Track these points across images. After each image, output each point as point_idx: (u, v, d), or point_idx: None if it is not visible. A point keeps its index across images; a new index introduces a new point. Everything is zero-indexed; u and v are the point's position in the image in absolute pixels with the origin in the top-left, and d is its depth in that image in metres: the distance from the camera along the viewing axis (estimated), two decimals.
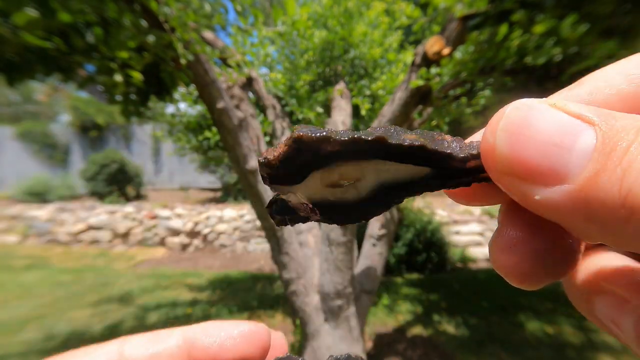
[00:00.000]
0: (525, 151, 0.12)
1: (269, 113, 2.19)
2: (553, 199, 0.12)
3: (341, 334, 1.71)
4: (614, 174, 0.11)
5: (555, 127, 0.12)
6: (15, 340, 2.61)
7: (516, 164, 0.12)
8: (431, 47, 1.45)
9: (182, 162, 9.35)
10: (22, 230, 5.79)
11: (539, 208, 0.12)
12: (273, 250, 1.79)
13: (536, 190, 0.12)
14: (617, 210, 0.11)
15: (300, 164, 0.16)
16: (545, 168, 0.12)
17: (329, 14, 2.31)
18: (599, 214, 0.11)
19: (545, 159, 0.12)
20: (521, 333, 2.77)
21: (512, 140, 0.13)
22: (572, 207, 0.11)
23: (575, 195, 0.11)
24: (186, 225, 5.44)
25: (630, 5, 1.03)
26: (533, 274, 0.15)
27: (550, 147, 0.12)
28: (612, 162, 0.11)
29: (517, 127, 0.13)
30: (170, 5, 1.19)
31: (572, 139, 0.12)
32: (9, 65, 0.99)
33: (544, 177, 0.12)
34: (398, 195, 0.17)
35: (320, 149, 0.16)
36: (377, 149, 0.16)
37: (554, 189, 0.12)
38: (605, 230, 0.11)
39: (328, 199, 0.17)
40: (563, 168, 0.12)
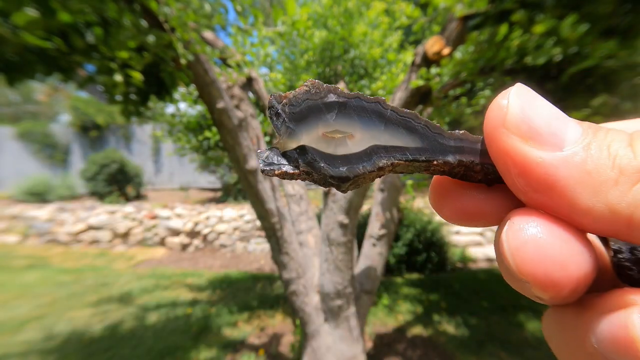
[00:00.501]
0: (534, 114, 0.14)
1: None
2: (552, 162, 0.13)
3: (341, 334, 1.71)
4: (602, 143, 0.13)
5: (553, 108, 0.15)
6: (15, 340, 2.61)
7: (524, 122, 0.14)
8: (431, 47, 1.45)
9: (182, 162, 9.35)
10: (22, 230, 5.79)
11: (535, 169, 0.14)
12: (273, 250, 1.79)
13: (537, 152, 0.14)
14: (606, 171, 0.13)
15: (306, 106, 0.18)
16: (549, 131, 0.14)
17: (329, 14, 2.31)
18: (591, 176, 0.13)
19: (547, 125, 0.14)
20: (521, 333, 2.77)
21: (524, 103, 0.15)
22: (567, 169, 0.13)
23: (571, 158, 0.13)
24: (186, 225, 5.44)
25: (630, 5, 1.03)
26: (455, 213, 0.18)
27: (552, 118, 0.14)
28: (600, 137, 0.13)
29: (528, 95, 0.15)
30: (170, 5, 1.19)
31: (566, 119, 0.15)
32: (9, 65, 0.99)
33: (546, 139, 0.14)
34: (387, 156, 0.17)
35: (327, 96, 0.18)
36: (376, 108, 0.18)
37: (553, 154, 0.14)
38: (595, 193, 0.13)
39: (321, 148, 0.18)
40: (562, 135, 0.14)
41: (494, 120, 0.15)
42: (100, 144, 9.89)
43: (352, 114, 0.18)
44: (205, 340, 2.64)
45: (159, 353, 2.45)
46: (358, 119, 0.18)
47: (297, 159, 0.18)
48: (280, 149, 0.18)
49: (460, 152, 0.17)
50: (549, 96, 0.17)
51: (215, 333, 2.77)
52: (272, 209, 1.69)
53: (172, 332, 2.76)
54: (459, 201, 0.18)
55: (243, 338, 2.70)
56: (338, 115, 0.18)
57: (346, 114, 0.18)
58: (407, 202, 4.43)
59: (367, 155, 0.17)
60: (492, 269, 4.43)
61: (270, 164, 0.18)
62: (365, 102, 0.18)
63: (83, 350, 2.48)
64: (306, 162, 0.18)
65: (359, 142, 0.18)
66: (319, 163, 0.17)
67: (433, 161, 0.17)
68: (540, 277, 0.13)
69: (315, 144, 0.18)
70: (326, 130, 0.18)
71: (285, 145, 0.18)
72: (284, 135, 0.18)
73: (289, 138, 0.18)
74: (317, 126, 0.18)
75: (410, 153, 0.17)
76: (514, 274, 0.14)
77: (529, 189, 0.14)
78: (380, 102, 0.18)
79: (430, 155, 0.17)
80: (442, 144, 0.17)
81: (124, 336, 2.70)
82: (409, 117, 0.17)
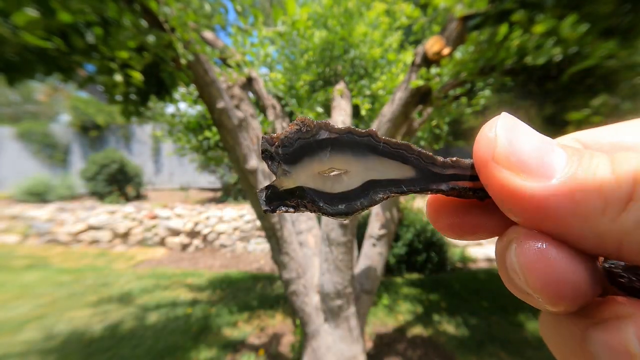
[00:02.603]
0: (521, 146, 0.15)
1: (269, 113, 2.19)
2: (541, 193, 0.14)
3: (341, 334, 1.71)
4: (589, 170, 0.14)
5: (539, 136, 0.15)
6: (15, 340, 2.61)
7: (513, 154, 0.15)
8: (431, 47, 1.45)
9: (182, 162, 9.35)
10: (22, 230, 5.79)
11: (525, 204, 0.14)
12: (273, 250, 1.79)
13: (526, 183, 0.14)
14: (593, 200, 0.13)
15: (299, 145, 0.18)
16: (537, 162, 0.14)
17: (329, 14, 2.31)
18: (577, 206, 0.13)
19: (536, 153, 0.14)
20: (521, 333, 2.77)
21: (511, 135, 0.15)
22: (556, 200, 0.14)
23: (559, 188, 0.14)
24: (186, 225, 5.44)
25: (630, 5, 1.03)
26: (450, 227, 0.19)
27: (539, 145, 0.15)
28: (585, 163, 0.14)
29: (514, 126, 0.15)
30: (170, 5, 1.19)
31: (551, 145, 0.15)
32: (9, 65, 0.99)
33: (534, 170, 0.14)
34: (383, 190, 0.18)
35: (319, 133, 0.18)
36: (368, 142, 0.18)
37: (542, 183, 0.14)
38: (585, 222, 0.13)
39: (318, 187, 0.18)
40: (549, 165, 0.14)
41: (483, 153, 0.15)
42: (100, 144, 9.89)
43: (345, 149, 0.18)
44: (205, 340, 2.64)
45: (159, 353, 2.45)
46: (352, 153, 0.18)
47: (296, 199, 0.18)
48: (279, 187, 0.18)
49: (453, 179, 0.18)
50: (549, 96, 0.17)
51: (215, 333, 2.76)
52: None
53: (172, 332, 2.76)
54: (454, 216, 0.19)
55: (243, 338, 2.70)
56: (332, 152, 0.18)
57: (339, 149, 0.18)
58: (407, 202, 4.43)
59: (364, 191, 0.18)
60: (492, 269, 4.43)
61: (272, 204, 0.19)
62: (357, 136, 0.18)
63: (83, 350, 2.48)
64: (305, 203, 0.18)
65: (355, 175, 0.18)
66: (318, 203, 0.18)
67: (427, 191, 0.18)
68: (552, 294, 0.14)
69: (312, 183, 0.18)
70: (322, 169, 0.18)
71: (283, 185, 0.18)
72: (280, 176, 0.18)
73: (286, 179, 0.18)
74: (312, 164, 0.18)
75: (405, 185, 0.18)
76: (524, 289, 0.15)
77: (523, 217, 0.15)
78: (372, 136, 0.18)
79: (424, 185, 0.18)
80: (435, 172, 0.18)
81: (124, 336, 2.69)
82: (402, 149, 0.18)
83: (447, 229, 0.19)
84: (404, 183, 0.18)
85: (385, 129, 1.61)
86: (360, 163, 0.18)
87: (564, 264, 0.14)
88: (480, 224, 0.18)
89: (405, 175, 0.18)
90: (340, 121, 2.04)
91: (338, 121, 2.04)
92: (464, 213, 0.19)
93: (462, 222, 0.19)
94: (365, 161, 0.18)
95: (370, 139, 0.18)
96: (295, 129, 0.18)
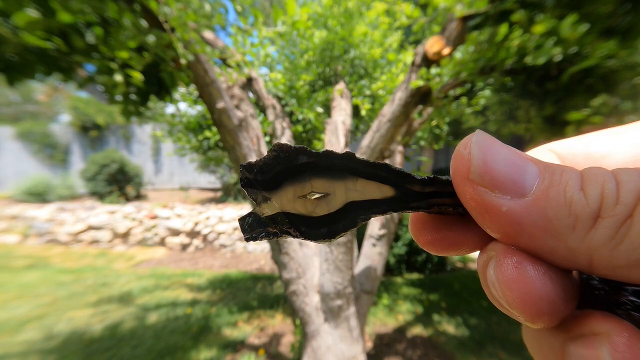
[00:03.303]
0: (495, 164, 0.15)
1: (269, 113, 2.19)
2: (515, 210, 0.14)
3: (341, 334, 1.71)
4: (559, 189, 0.14)
5: (512, 153, 0.15)
6: (15, 340, 2.61)
7: (487, 173, 0.15)
8: (431, 47, 1.45)
9: (182, 162, 9.35)
10: (22, 230, 5.80)
11: (502, 220, 0.15)
12: (273, 250, 1.79)
13: (500, 200, 0.15)
14: (564, 218, 0.13)
15: (277, 171, 0.18)
16: (509, 180, 0.15)
17: (329, 14, 2.31)
18: (548, 223, 0.14)
19: (509, 172, 0.15)
20: (521, 333, 2.77)
21: (485, 153, 0.15)
22: (529, 216, 0.14)
23: (532, 205, 0.14)
24: (186, 225, 5.44)
25: (630, 5, 1.03)
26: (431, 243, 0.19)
27: (511, 164, 0.15)
28: (555, 180, 0.14)
29: (488, 144, 0.16)
30: (170, 5, 1.19)
31: (524, 163, 0.15)
32: (9, 65, 0.99)
33: (508, 188, 0.15)
34: (365, 212, 0.18)
35: (296, 158, 0.18)
36: (346, 164, 0.18)
37: (516, 201, 0.14)
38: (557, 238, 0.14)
39: (299, 211, 0.18)
40: (522, 184, 0.15)
41: (459, 171, 0.16)
42: (100, 144, 9.89)
43: (324, 171, 0.18)
44: (205, 340, 2.64)
45: (159, 353, 2.45)
46: (331, 176, 0.18)
47: (278, 225, 0.18)
48: (260, 214, 0.18)
49: (432, 196, 0.18)
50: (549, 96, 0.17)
51: (215, 333, 2.76)
52: None
53: (172, 332, 2.76)
54: (436, 232, 0.19)
55: (243, 338, 2.70)
56: (311, 175, 0.18)
57: (319, 172, 0.18)
58: None
59: (346, 213, 0.18)
60: None
61: (253, 232, 0.18)
62: (335, 158, 0.18)
63: (83, 350, 2.48)
64: (287, 229, 0.18)
65: (336, 198, 0.18)
66: (300, 228, 0.18)
67: (408, 210, 0.18)
68: (530, 312, 0.14)
69: (294, 208, 0.18)
70: (302, 192, 0.18)
71: (264, 212, 0.18)
72: (261, 203, 0.18)
73: (267, 205, 0.18)
74: (292, 189, 0.18)
75: (386, 205, 0.18)
76: (504, 307, 0.15)
77: (500, 233, 0.15)
78: (349, 157, 0.18)
79: (405, 204, 0.18)
80: (414, 191, 0.18)
81: (124, 336, 2.70)
82: (379, 168, 0.18)
83: (429, 244, 0.19)
84: (384, 203, 0.18)
85: (385, 129, 1.61)
86: (340, 185, 0.18)
87: (541, 282, 0.14)
88: (461, 240, 0.18)
89: (386, 195, 0.18)
90: (341, 121, 2.04)
91: (338, 121, 2.04)
92: (445, 229, 0.19)
93: (443, 237, 0.19)
94: (345, 183, 0.18)
95: (348, 160, 0.18)
96: (273, 155, 0.18)
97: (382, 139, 1.63)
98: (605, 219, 0.13)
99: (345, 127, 2.04)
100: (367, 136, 1.69)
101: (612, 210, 0.13)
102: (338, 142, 1.95)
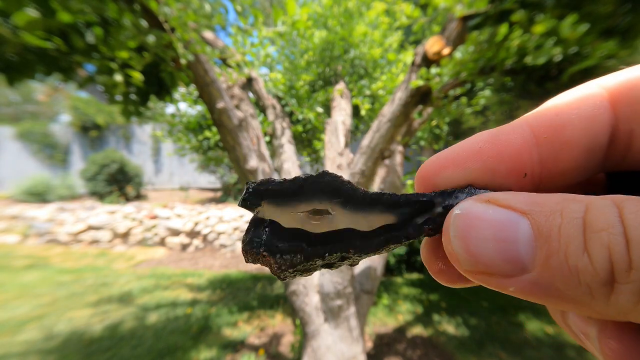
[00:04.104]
0: (479, 250, 0.14)
1: (269, 113, 2.19)
2: (523, 287, 0.13)
3: (341, 334, 1.71)
4: (560, 256, 0.12)
5: (495, 225, 0.14)
6: (15, 340, 2.61)
7: (477, 263, 0.14)
8: (431, 47, 1.45)
9: (182, 162, 9.35)
10: (22, 230, 5.79)
11: (517, 295, 0.14)
12: None
13: (504, 282, 0.13)
14: (575, 288, 0.12)
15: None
16: (503, 262, 0.13)
17: (329, 14, 2.31)
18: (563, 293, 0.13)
19: (499, 254, 0.13)
20: (521, 333, 2.77)
21: (466, 243, 0.14)
22: (540, 291, 0.13)
23: (537, 280, 0.13)
24: (186, 225, 5.44)
25: (630, 5, 1.03)
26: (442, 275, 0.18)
27: (499, 242, 0.13)
28: (554, 247, 0.13)
29: (465, 233, 0.14)
30: (170, 5, 1.19)
31: (514, 232, 0.13)
32: (9, 65, 0.99)
33: (504, 270, 0.13)
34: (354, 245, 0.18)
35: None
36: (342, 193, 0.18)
37: (519, 279, 0.13)
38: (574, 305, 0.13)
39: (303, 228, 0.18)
40: (518, 260, 0.13)
41: (453, 261, 0.15)
42: (100, 144, 9.89)
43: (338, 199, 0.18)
44: (205, 340, 2.64)
45: (159, 353, 2.45)
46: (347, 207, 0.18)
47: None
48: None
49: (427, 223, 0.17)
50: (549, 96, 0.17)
51: (215, 333, 2.76)
52: None
53: (172, 332, 2.76)
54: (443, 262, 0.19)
55: (243, 338, 2.70)
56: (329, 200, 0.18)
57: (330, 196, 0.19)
58: None
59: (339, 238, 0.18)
60: None
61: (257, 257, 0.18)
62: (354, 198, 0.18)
63: (83, 350, 2.48)
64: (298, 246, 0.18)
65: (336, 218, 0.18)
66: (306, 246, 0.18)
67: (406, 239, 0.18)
68: None
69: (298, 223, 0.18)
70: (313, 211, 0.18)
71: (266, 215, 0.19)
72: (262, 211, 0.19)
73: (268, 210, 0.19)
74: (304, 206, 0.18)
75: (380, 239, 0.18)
76: None
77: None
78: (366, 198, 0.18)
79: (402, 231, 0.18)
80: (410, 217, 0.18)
81: (124, 336, 2.69)
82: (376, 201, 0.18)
83: (440, 274, 0.19)
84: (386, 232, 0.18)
85: (385, 129, 1.61)
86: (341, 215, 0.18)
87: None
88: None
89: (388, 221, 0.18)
90: (341, 121, 2.04)
91: (338, 121, 2.04)
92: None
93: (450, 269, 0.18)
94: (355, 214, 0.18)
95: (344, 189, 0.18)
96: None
97: (382, 139, 1.63)
98: (623, 285, 0.11)
99: (345, 127, 2.04)
100: (367, 136, 1.69)
101: (627, 277, 0.11)
102: (338, 142, 1.95)
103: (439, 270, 0.19)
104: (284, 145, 2.12)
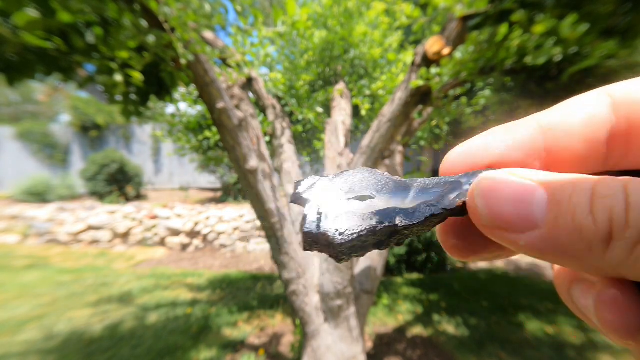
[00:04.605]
0: (499, 208, 0.16)
1: (269, 113, 2.19)
2: (532, 242, 0.15)
3: (341, 334, 1.71)
4: (567, 217, 0.15)
5: (515, 189, 0.16)
6: (15, 340, 2.61)
7: (496, 219, 0.16)
8: (431, 47, 1.45)
9: (182, 162, 9.35)
10: (22, 230, 5.80)
11: (524, 250, 0.16)
12: (273, 250, 1.79)
13: (516, 236, 0.16)
14: (577, 243, 0.14)
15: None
16: (518, 219, 0.16)
17: (329, 14, 2.31)
18: (565, 248, 0.15)
19: (516, 212, 0.16)
20: (521, 333, 2.77)
21: (488, 202, 0.17)
22: (546, 245, 0.15)
23: (545, 236, 0.15)
24: (186, 225, 5.44)
25: (630, 5, 1.03)
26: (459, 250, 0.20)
27: (517, 203, 0.16)
28: (564, 209, 0.15)
29: (489, 192, 0.17)
30: (170, 5, 1.19)
31: (531, 196, 0.16)
32: (9, 65, 0.99)
33: (519, 226, 0.16)
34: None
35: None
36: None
37: (530, 234, 0.15)
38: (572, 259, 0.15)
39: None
40: (532, 218, 0.15)
41: (474, 219, 0.17)
42: (100, 144, 9.89)
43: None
44: (205, 340, 2.64)
45: (159, 353, 2.45)
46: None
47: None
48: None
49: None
50: (549, 96, 0.18)
51: (215, 333, 2.77)
52: (272, 209, 1.69)
53: (172, 332, 2.76)
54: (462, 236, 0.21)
55: (243, 338, 2.70)
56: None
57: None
58: None
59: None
60: (492, 269, 4.43)
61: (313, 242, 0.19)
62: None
63: (83, 350, 2.48)
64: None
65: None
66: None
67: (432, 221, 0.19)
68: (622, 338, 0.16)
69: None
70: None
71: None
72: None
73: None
74: None
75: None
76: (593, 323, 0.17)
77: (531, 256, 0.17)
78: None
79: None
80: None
81: (124, 336, 2.70)
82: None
83: (455, 249, 0.21)
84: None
85: (385, 129, 1.61)
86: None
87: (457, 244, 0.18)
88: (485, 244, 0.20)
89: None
90: (341, 121, 2.04)
91: (338, 121, 2.04)
92: (472, 233, 0.20)
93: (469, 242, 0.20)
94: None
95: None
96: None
97: (382, 139, 1.63)
98: (618, 242, 0.14)
99: (345, 127, 2.04)
100: (367, 136, 1.69)
101: (622, 235, 0.13)
102: (338, 142, 1.95)
103: (453, 245, 0.21)
104: (284, 145, 2.12)
